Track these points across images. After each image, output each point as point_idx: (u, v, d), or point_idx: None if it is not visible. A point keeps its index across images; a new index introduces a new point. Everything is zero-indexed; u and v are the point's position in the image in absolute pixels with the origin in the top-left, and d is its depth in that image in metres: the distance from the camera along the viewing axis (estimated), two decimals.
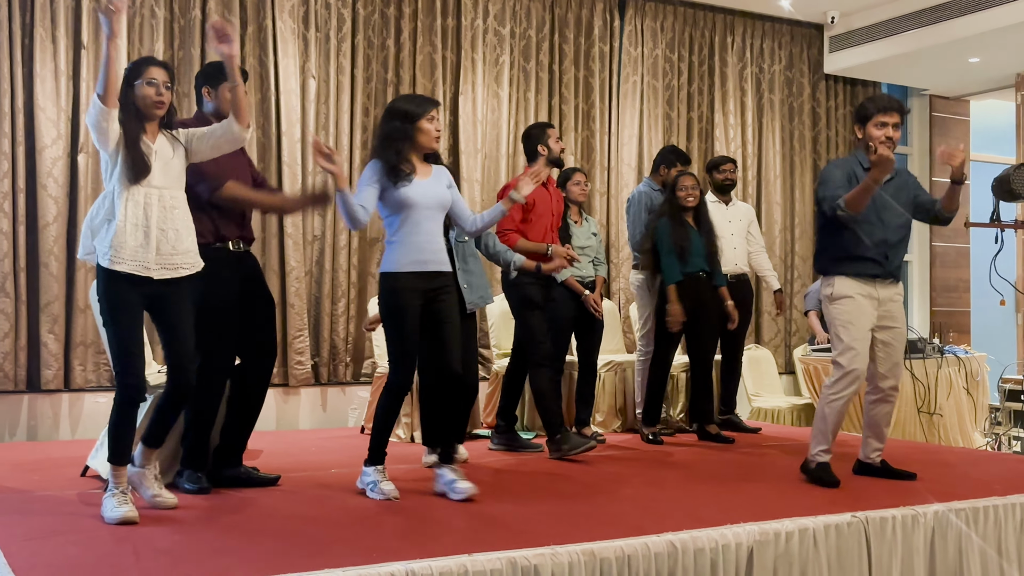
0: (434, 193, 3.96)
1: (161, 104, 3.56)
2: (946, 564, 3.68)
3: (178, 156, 3.65)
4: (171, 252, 3.54)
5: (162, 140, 3.62)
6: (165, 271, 3.53)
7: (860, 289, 4.28)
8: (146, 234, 3.49)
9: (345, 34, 6.73)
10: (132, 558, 2.93)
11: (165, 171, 3.57)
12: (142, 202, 3.49)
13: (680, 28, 8.02)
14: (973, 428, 6.89)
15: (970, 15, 7.43)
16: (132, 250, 3.46)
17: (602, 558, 3.04)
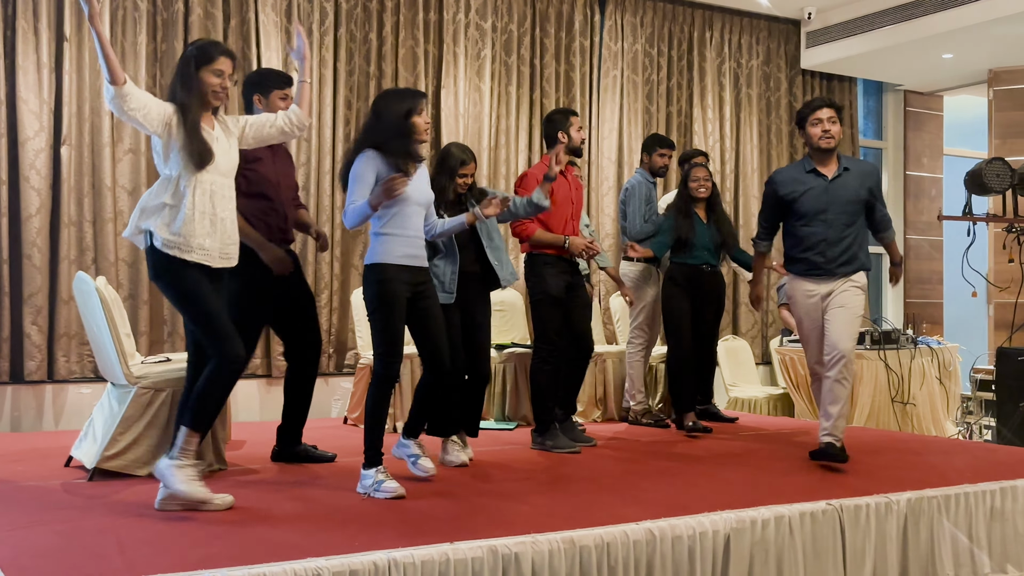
0: (423, 189, 3.96)
1: (223, 95, 3.52)
2: (918, 550, 3.72)
3: (232, 145, 3.60)
4: (228, 242, 3.52)
5: (218, 128, 3.57)
6: (223, 260, 3.51)
7: (803, 287, 4.55)
8: (212, 222, 3.45)
9: (328, 27, 6.70)
10: (115, 548, 2.91)
11: (224, 159, 3.53)
12: (208, 189, 3.45)
13: (659, 23, 8.02)
14: (945, 417, 6.94)
15: (943, 12, 7.47)
16: (200, 239, 3.42)
17: (582, 546, 3.05)
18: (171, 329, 6.20)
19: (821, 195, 4.45)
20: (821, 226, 4.45)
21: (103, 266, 6.00)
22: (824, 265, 4.44)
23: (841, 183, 4.48)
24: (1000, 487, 3.98)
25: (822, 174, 4.51)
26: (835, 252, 4.43)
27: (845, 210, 4.46)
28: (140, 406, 4.15)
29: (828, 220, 4.45)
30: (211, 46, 3.55)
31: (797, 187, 4.50)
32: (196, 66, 3.48)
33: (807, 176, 4.51)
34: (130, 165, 6.14)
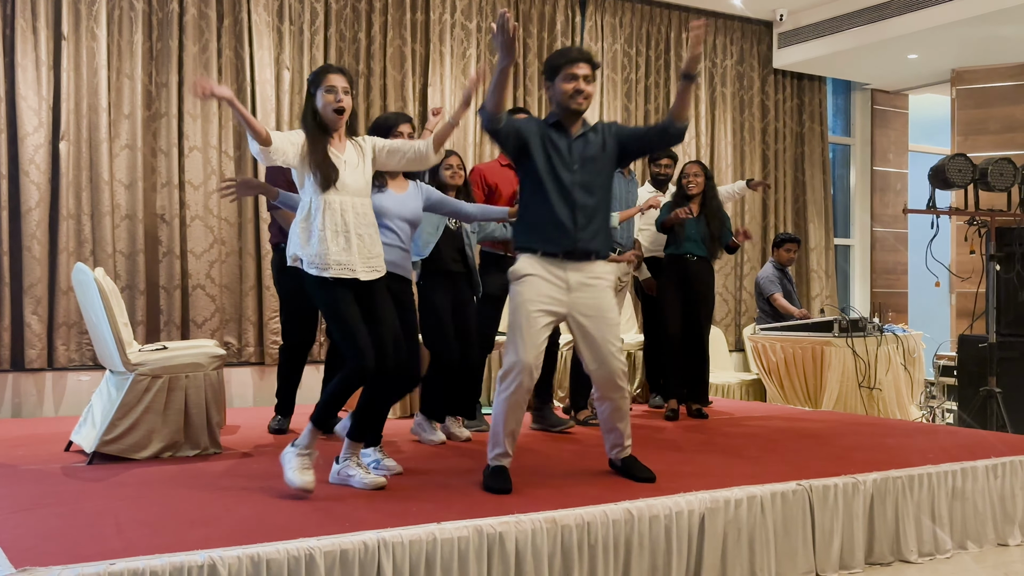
0: (408, 204, 4.09)
1: (341, 110, 3.46)
2: (884, 528, 3.74)
3: (363, 164, 3.55)
4: (369, 256, 3.48)
5: (349, 148, 3.53)
6: (370, 272, 3.48)
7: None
8: (347, 239, 3.42)
9: (318, 27, 6.66)
10: (114, 529, 2.90)
11: (355, 180, 3.48)
12: (338, 209, 3.42)
13: (638, 24, 8.02)
14: (910, 402, 7.00)
15: (909, 14, 7.50)
16: (335, 255, 3.40)
17: (563, 525, 3.06)
18: (167, 318, 6.17)
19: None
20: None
21: (101, 257, 5.96)
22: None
23: (592, 143, 3.74)
24: (961, 468, 4.01)
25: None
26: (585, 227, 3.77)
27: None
28: (138, 392, 4.14)
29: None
30: (322, 68, 3.55)
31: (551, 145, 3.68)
32: (312, 90, 3.49)
33: (554, 134, 3.67)
34: (127, 160, 6.09)
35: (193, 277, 6.26)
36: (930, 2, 7.35)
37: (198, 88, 3.23)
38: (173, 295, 6.19)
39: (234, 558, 2.60)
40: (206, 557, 2.57)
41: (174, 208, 6.20)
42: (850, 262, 9.54)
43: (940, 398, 7.21)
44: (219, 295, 6.32)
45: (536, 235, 3.59)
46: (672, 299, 5.57)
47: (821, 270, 8.90)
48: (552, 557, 3.03)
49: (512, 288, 3.61)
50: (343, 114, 3.48)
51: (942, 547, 3.89)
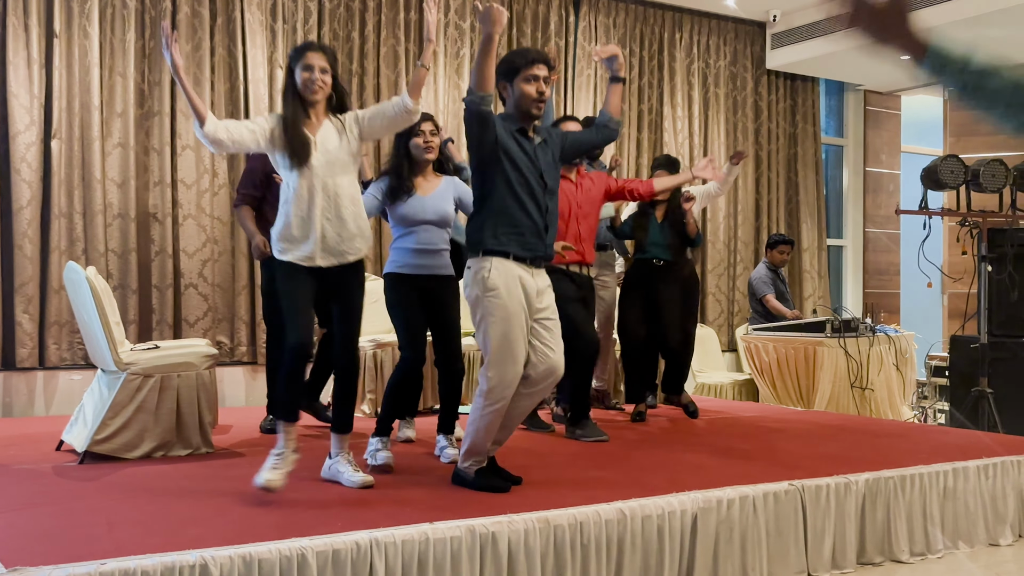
0: (436, 206, 4.12)
1: (317, 88, 3.41)
2: (875, 528, 3.75)
3: (344, 143, 3.47)
4: (338, 240, 3.42)
5: (328, 128, 3.47)
6: (331, 258, 3.42)
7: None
8: (311, 224, 3.38)
9: (312, 26, 6.65)
10: (105, 528, 2.89)
11: (328, 159, 3.42)
12: (306, 194, 3.38)
13: (631, 25, 8.02)
14: (902, 402, 7.01)
15: None
16: (298, 240, 3.38)
17: (556, 525, 3.06)
18: (159, 317, 6.16)
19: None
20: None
21: (93, 256, 5.94)
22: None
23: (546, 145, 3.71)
24: (952, 468, 4.02)
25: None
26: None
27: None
28: (129, 392, 4.13)
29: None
30: (303, 45, 3.52)
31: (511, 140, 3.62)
32: (290, 69, 3.46)
33: (514, 133, 3.59)
34: (119, 158, 6.07)
35: (185, 276, 6.24)
36: (921, 4, 7.37)
37: (166, 33, 3.23)
38: (165, 294, 6.18)
39: (226, 558, 2.59)
40: (198, 557, 2.57)
41: (166, 207, 6.19)
42: (842, 263, 9.56)
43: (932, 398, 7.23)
44: (211, 294, 6.31)
45: (511, 239, 3.48)
46: (633, 305, 5.51)
47: (814, 271, 8.92)
48: (545, 557, 3.03)
49: (485, 300, 3.43)
50: (319, 93, 3.43)
51: (933, 547, 3.90)
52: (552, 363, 3.53)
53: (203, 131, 3.31)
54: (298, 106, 3.43)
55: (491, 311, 3.41)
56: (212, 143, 3.34)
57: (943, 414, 6.96)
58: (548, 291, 3.60)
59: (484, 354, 3.47)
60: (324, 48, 3.49)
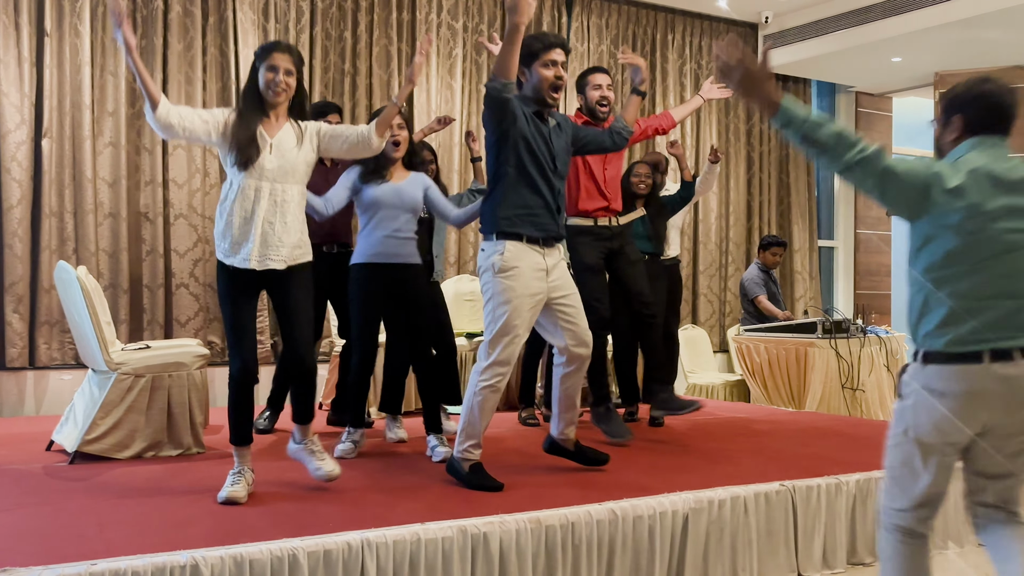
0: (406, 193, 4.14)
1: (280, 91, 3.34)
2: (865, 528, 3.76)
3: (303, 150, 3.39)
4: (278, 244, 3.32)
5: (286, 131, 3.38)
6: (269, 262, 3.32)
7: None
8: (251, 226, 3.28)
9: (304, 25, 6.64)
10: (96, 528, 2.88)
11: (281, 164, 3.33)
12: (251, 195, 3.28)
13: (624, 26, 8.03)
14: (892, 402, 7.03)
15: (893, 17, 7.54)
16: (237, 242, 3.29)
17: (547, 525, 3.06)
18: (151, 317, 6.14)
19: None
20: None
21: (84, 256, 5.93)
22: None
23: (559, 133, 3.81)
24: None
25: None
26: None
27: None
28: (120, 392, 4.11)
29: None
30: (268, 44, 3.43)
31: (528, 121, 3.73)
32: (255, 65, 3.39)
33: (530, 115, 3.68)
34: (110, 158, 6.06)
35: (177, 276, 6.23)
36: (914, 6, 7.40)
37: (115, 12, 3.16)
38: (156, 294, 6.16)
39: (217, 558, 2.59)
40: (188, 557, 2.56)
41: (158, 206, 6.17)
42: (834, 264, 9.59)
43: None
44: (203, 294, 6.30)
45: (524, 220, 3.57)
46: (615, 300, 5.42)
47: (805, 272, 8.94)
48: (536, 557, 3.03)
49: (496, 280, 3.53)
50: (281, 96, 3.35)
51: None
52: (580, 336, 3.70)
53: (154, 115, 3.20)
54: (257, 105, 3.35)
55: (500, 291, 3.52)
56: (163, 128, 3.24)
57: None
58: (560, 266, 3.69)
59: (486, 331, 3.56)
60: (291, 49, 3.41)
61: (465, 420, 3.58)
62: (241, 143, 3.28)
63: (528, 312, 3.56)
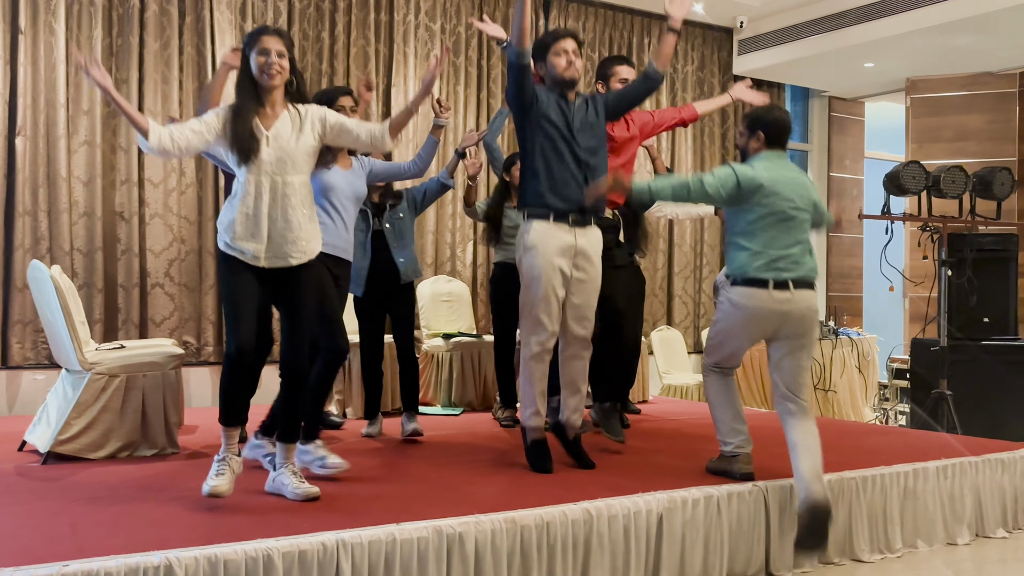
0: (353, 183, 4.03)
1: (275, 73, 3.24)
2: (837, 528, 3.79)
3: (304, 137, 3.29)
4: (284, 241, 3.25)
5: (284, 120, 3.28)
6: (276, 260, 3.26)
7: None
8: (257, 223, 3.21)
9: (281, 25, 6.61)
10: (68, 529, 2.85)
11: (280, 156, 3.24)
12: (253, 191, 3.21)
13: (600, 29, 8.05)
14: (864, 403, 7.09)
15: (866, 23, 7.61)
16: (242, 239, 3.22)
17: (523, 525, 3.06)
18: (125, 317, 6.09)
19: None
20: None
21: (58, 255, 5.86)
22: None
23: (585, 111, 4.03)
24: (912, 468, 4.07)
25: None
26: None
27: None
28: (94, 392, 4.08)
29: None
30: (256, 29, 3.32)
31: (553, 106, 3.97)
32: (245, 54, 3.29)
33: (556, 98, 3.94)
34: (85, 156, 6.00)
35: (152, 275, 6.18)
36: (886, 12, 7.47)
37: (81, 63, 3.08)
38: (131, 293, 6.11)
39: (191, 559, 2.57)
40: (162, 558, 2.54)
41: (133, 206, 6.12)
42: None
43: (893, 400, 7.32)
44: (178, 294, 6.25)
45: (550, 195, 3.80)
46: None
47: None
48: (511, 557, 3.03)
49: (524, 258, 3.81)
50: (275, 78, 3.25)
51: (893, 546, 3.95)
52: (579, 319, 3.90)
53: (148, 144, 3.13)
54: (253, 96, 3.26)
55: (526, 269, 3.82)
56: (159, 154, 3.18)
57: (904, 415, 7.05)
58: (590, 251, 3.88)
59: (520, 307, 3.84)
60: (280, 31, 3.31)
61: (522, 391, 3.95)
62: (239, 138, 3.20)
63: (552, 288, 3.78)
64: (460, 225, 7.24)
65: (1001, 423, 5.91)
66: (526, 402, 3.93)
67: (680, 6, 4.26)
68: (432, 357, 6.03)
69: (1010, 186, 5.82)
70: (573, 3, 7.87)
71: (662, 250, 8.31)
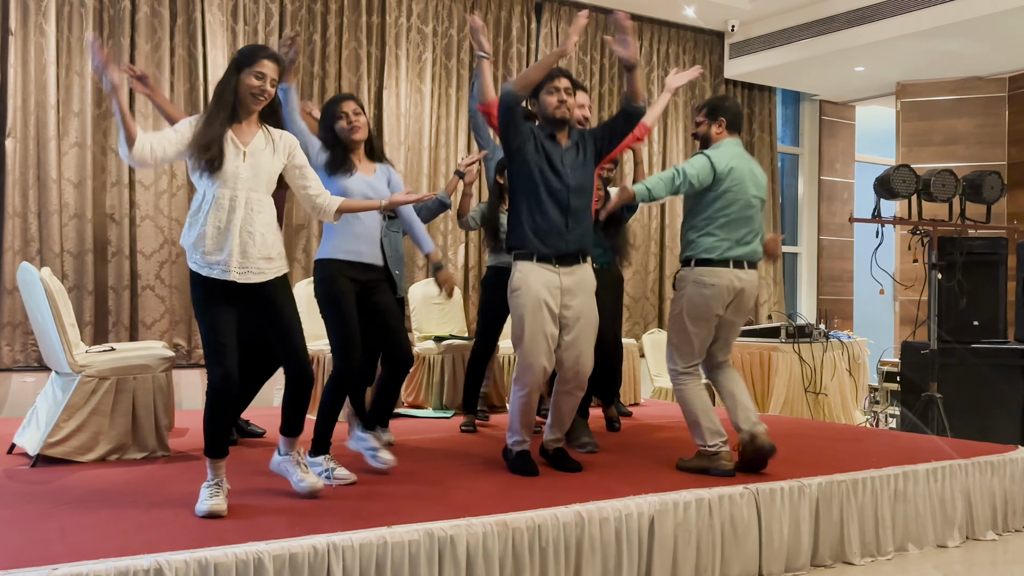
0: (375, 187, 3.97)
1: (262, 99, 3.26)
2: (829, 531, 3.79)
3: (276, 159, 3.31)
4: (257, 256, 3.23)
5: (259, 139, 3.29)
6: (250, 275, 3.23)
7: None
8: (227, 237, 3.18)
9: (273, 28, 6.59)
10: (58, 533, 2.84)
11: (256, 173, 3.24)
12: (226, 204, 3.18)
13: (592, 32, 8.06)
14: (854, 406, 7.10)
15: (856, 27, 7.63)
16: (212, 254, 3.18)
17: (514, 528, 3.05)
18: (116, 319, 6.06)
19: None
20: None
21: (48, 257, 5.84)
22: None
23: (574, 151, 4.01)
24: (903, 471, 4.08)
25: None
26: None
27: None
28: (84, 394, 4.06)
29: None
30: (256, 49, 3.32)
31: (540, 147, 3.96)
32: (237, 68, 3.27)
33: (544, 140, 3.92)
34: (76, 158, 5.97)
35: (143, 278, 6.15)
36: (877, 16, 7.49)
37: (98, 59, 3.02)
38: (122, 296, 6.08)
39: (181, 562, 2.56)
40: (152, 561, 2.53)
41: (124, 208, 6.09)
42: (797, 269, 9.67)
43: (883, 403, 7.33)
44: (169, 296, 6.23)
45: (533, 239, 3.82)
46: None
47: (769, 277, 9.01)
48: (503, 560, 3.02)
49: (511, 299, 3.84)
50: (260, 103, 3.26)
51: (884, 549, 3.95)
52: (574, 362, 3.88)
53: (131, 154, 3.10)
54: (231, 109, 3.25)
55: (515, 308, 3.84)
56: (138, 164, 3.15)
57: (894, 418, 7.07)
58: (577, 289, 3.88)
59: (514, 347, 3.86)
60: (278, 58, 3.32)
61: (511, 420, 3.98)
62: (205, 147, 3.17)
63: (541, 325, 3.79)
64: (452, 228, 7.23)
65: (990, 426, 5.93)
66: (514, 429, 3.97)
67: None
68: (424, 360, 6.02)
69: (999, 190, 5.84)
70: (565, 7, 7.87)
71: (653, 253, 8.32)
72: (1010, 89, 8.35)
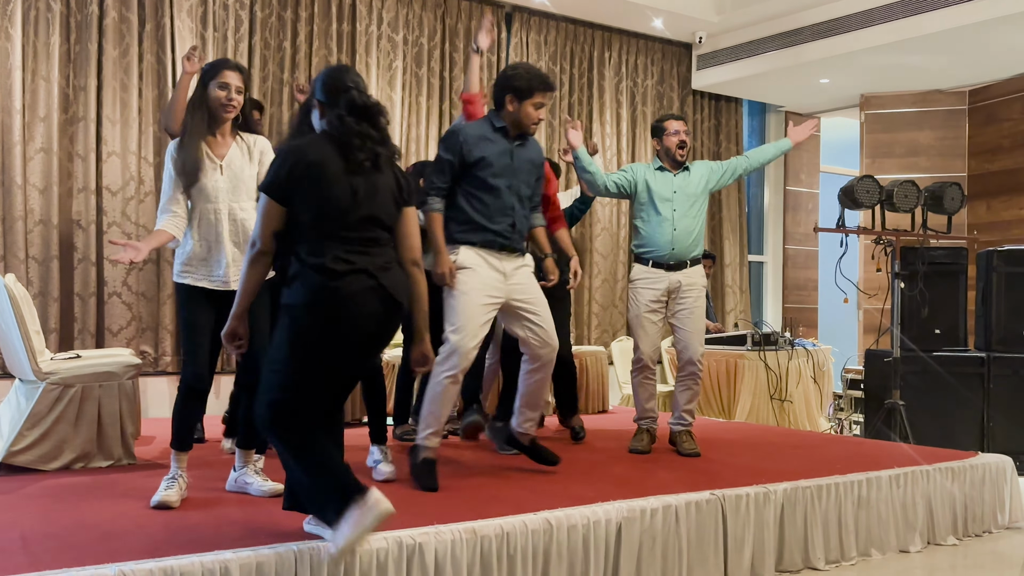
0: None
1: (230, 108, 3.35)
2: (794, 536, 3.82)
3: (252, 165, 3.41)
4: (233, 266, 3.36)
5: (235, 150, 3.40)
6: (234, 284, 3.32)
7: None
8: (216, 249, 3.31)
9: (243, 35, 6.56)
10: (19, 542, 2.79)
11: (235, 184, 3.35)
12: (212, 219, 3.31)
13: (562, 42, 8.09)
14: (819, 413, 7.17)
15: (821, 40, 7.73)
16: (198, 264, 3.32)
17: (483, 535, 3.04)
18: (82, 326, 5.98)
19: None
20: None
21: (12, 263, 5.75)
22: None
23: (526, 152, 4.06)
24: (866, 477, 4.12)
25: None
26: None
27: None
28: (49, 402, 4.00)
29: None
30: (218, 62, 3.42)
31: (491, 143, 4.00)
32: (204, 83, 3.37)
33: (497, 135, 3.96)
34: (41, 164, 5.89)
35: (109, 284, 6.08)
36: (841, 29, 7.59)
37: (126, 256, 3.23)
38: (88, 303, 6.01)
39: (146, 571, 2.52)
40: (116, 571, 2.49)
41: (90, 214, 6.02)
42: (763, 278, 9.75)
43: (847, 410, 7.41)
44: (136, 303, 6.16)
45: (480, 230, 3.84)
46: None
47: (736, 285, 9.08)
48: (471, 567, 3.01)
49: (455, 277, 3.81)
50: (231, 112, 3.37)
51: (847, 554, 3.98)
52: (543, 337, 3.92)
53: (179, 240, 3.33)
54: (204, 123, 3.35)
55: (456, 284, 3.79)
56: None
57: (858, 425, 7.14)
58: (522, 271, 3.93)
59: (446, 323, 3.77)
60: (241, 68, 3.44)
61: (426, 409, 3.79)
62: (186, 167, 3.30)
63: (482, 305, 3.78)
64: None
65: (952, 432, 6.00)
66: (430, 422, 3.77)
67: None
68: (393, 368, 5.98)
69: (960, 201, 5.93)
70: (535, 16, 7.90)
71: (622, 261, 8.35)
72: (970, 102, 8.48)
